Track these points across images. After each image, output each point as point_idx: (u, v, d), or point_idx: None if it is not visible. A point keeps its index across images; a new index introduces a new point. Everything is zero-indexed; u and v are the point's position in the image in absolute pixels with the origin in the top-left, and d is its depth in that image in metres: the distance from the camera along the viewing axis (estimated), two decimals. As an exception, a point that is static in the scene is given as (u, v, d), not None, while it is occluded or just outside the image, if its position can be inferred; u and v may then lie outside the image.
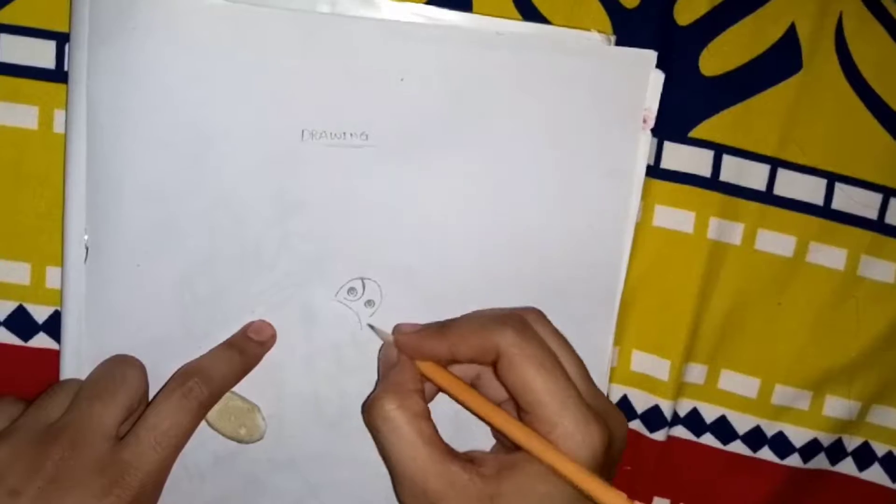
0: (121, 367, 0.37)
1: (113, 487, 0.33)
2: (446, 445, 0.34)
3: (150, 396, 0.38)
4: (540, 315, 0.37)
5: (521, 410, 0.35)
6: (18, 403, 0.37)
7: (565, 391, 0.34)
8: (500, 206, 0.40)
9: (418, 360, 0.37)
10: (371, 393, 0.37)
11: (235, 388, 0.39)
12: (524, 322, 0.36)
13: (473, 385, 0.38)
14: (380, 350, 0.40)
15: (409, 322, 0.39)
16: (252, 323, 0.39)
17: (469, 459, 0.34)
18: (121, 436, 0.35)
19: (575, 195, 0.41)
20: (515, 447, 0.35)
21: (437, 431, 0.35)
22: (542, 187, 0.40)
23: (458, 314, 0.40)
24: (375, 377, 0.40)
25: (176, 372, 0.37)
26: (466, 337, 0.35)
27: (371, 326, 0.40)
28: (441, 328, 0.37)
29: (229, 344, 0.39)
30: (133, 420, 0.36)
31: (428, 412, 0.35)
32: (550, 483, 0.33)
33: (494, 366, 0.35)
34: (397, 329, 0.39)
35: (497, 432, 0.38)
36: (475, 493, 0.33)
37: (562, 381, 0.34)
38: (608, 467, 0.35)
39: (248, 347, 0.39)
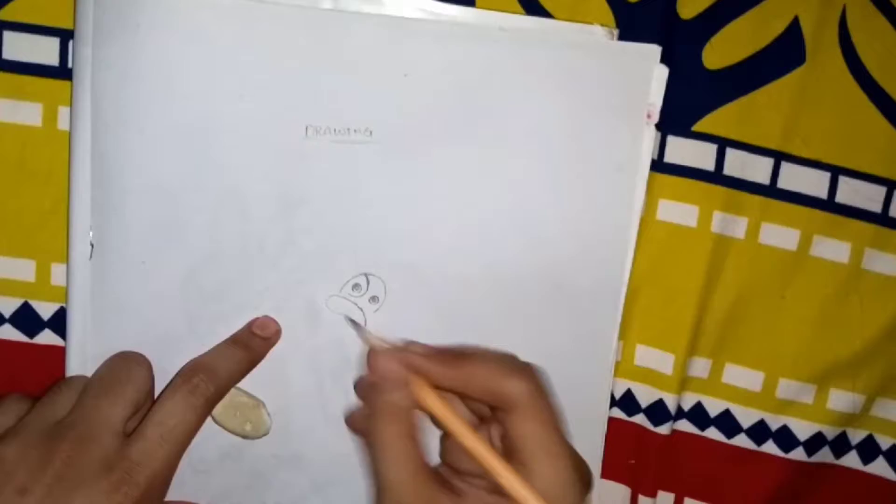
0: (126, 364, 0.37)
1: (121, 485, 0.33)
2: (433, 470, 0.35)
3: (156, 393, 0.38)
4: (538, 368, 0.36)
5: (508, 454, 0.34)
6: (25, 400, 0.37)
7: (564, 451, 0.34)
8: (504, 202, 0.40)
9: (422, 381, 0.35)
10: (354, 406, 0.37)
11: (241, 384, 0.39)
12: (537, 375, 0.35)
13: None
14: (367, 356, 0.37)
15: (411, 341, 0.38)
16: (257, 319, 0.39)
17: (451, 488, 0.35)
18: (128, 432, 0.35)
19: (579, 190, 0.41)
20: (496, 487, 0.34)
21: (425, 453, 0.35)
22: (546, 182, 0.40)
23: (461, 310, 0.40)
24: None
25: (181, 368, 0.37)
26: (481, 378, 0.35)
27: (367, 333, 0.38)
28: (457, 358, 0.35)
29: (234, 340, 0.39)
30: (139, 416, 0.36)
31: (419, 433, 0.35)
32: None
33: (494, 409, 0.35)
34: (410, 344, 0.37)
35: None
36: None
37: (561, 440, 0.34)
38: None
39: (253, 343, 0.39)
